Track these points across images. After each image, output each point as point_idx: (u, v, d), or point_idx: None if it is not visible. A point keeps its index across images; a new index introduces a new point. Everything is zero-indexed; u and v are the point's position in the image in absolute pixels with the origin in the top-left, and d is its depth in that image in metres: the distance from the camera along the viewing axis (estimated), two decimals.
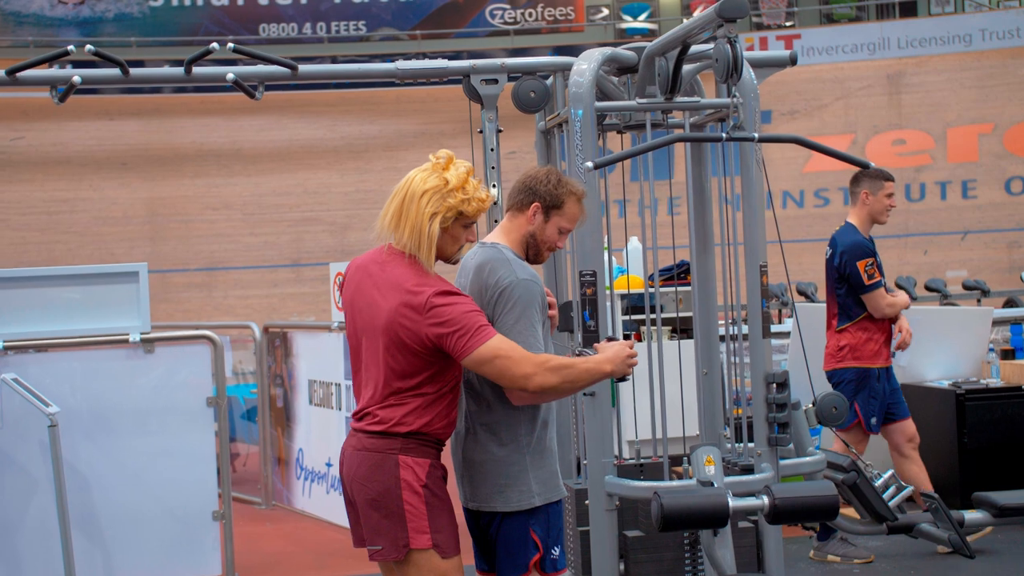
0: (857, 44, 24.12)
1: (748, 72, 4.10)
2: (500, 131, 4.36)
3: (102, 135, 22.64)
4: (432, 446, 3.42)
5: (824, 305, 6.27)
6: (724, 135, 3.70)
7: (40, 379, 5.38)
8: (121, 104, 22.85)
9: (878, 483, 4.53)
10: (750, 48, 25.54)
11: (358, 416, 3.47)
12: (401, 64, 4.21)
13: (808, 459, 4.29)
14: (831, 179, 22.27)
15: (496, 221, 4.37)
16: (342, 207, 20.63)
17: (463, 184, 3.39)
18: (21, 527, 5.45)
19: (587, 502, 4.06)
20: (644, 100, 4.09)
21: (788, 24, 26.81)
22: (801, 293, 7.94)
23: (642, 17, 28.61)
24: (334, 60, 24.38)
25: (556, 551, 3.51)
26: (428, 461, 3.39)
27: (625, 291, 6.25)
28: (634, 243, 6.52)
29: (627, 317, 6.25)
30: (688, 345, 4.97)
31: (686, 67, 4.24)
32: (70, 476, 5.41)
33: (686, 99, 4.10)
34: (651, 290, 4.68)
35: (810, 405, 4.35)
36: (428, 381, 3.36)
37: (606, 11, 28.63)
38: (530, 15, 27.87)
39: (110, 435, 5.54)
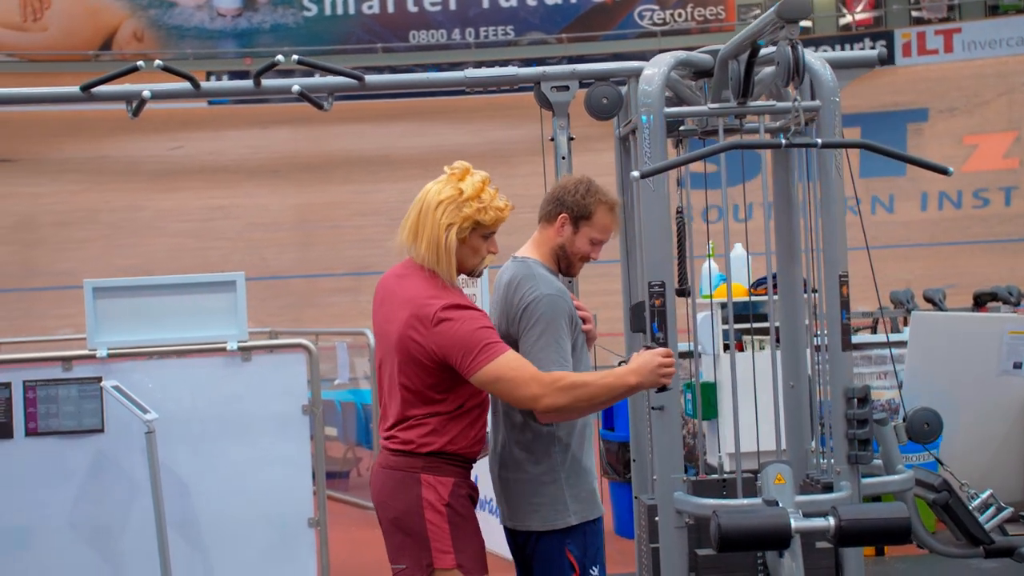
0: (1023, 37, 23.13)
1: (827, 74, 3.91)
2: (572, 139, 4.27)
3: (256, 143, 23.33)
4: (457, 464, 3.34)
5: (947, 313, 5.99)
6: (783, 142, 3.53)
7: (142, 386, 5.50)
8: (274, 113, 23.51)
9: (975, 503, 4.28)
10: (907, 43, 24.81)
11: (385, 435, 3.43)
12: (470, 72, 4.16)
13: (895, 477, 4.08)
14: (991, 179, 21.41)
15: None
16: None
17: (479, 193, 3.32)
18: (124, 530, 5.57)
19: (657, 518, 3.94)
20: (716, 105, 3.95)
21: (949, 17, 25.87)
22: (928, 300, 7.62)
23: None
24: (480, 64, 24.61)
25: (595, 570, 3.41)
26: (452, 480, 3.32)
27: (725, 299, 6.08)
28: (738, 250, 6.35)
29: (727, 326, 6.07)
30: None
31: (768, 70, 4.08)
32: (170, 481, 5.52)
33: (760, 103, 3.93)
34: (750, 299, 4.52)
35: (900, 421, 4.14)
36: (444, 399, 3.28)
37: (758, 10, 28.14)
38: (679, 15, 27.64)
39: (208, 441, 5.63)
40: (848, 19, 27.32)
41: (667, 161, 3.45)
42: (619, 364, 3.49)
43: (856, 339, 6.81)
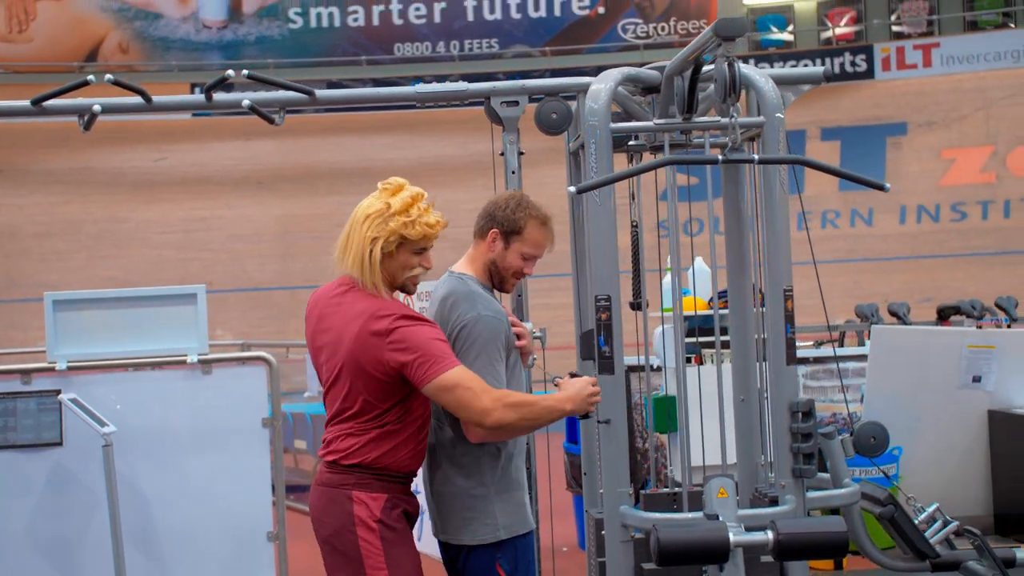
0: (1001, 52, 23.29)
1: (771, 90, 3.95)
2: (522, 153, 4.30)
3: (240, 155, 23.33)
4: (390, 480, 3.34)
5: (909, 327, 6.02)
6: (719, 158, 3.56)
7: (102, 399, 5.50)
8: (258, 124, 23.39)
9: (921, 517, 4.30)
10: (886, 58, 24.93)
11: (323, 450, 3.44)
12: (421, 87, 4.19)
13: (841, 491, 4.11)
14: (969, 192, 21.52)
15: None
16: (469, 224, 20.68)
17: (407, 208, 3.33)
18: (83, 543, 5.57)
19: (604, 532, 3.96)
20: (661, 121, 3.98)
21: (928, 32, 26.01)
22: (893, 314, 7.65)
23: (775, 29, 28.12)
24: (464, 77, 24.67)
25: None
26: (384, 496, 3.32)
27: (691, 312, 6.11)
28: (699, 264, 6.37)
29: (690, 339, 6.10)
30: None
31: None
32: (129, 494, 5.52)
33: (705, 119, 3.96)
34: (709, 312, 4.55)
35: (847, 435, 4.17)
36: (385, 412, 3.29)
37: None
38: (663, 29, 27.74)
39: (168, 454, 5.63)
40: (829, 33, 27.44)
41: (602, 177, 3.48)
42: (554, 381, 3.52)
43: (816, 353, 6.84)
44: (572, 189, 3.34)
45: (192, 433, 5.67)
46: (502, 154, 4.28)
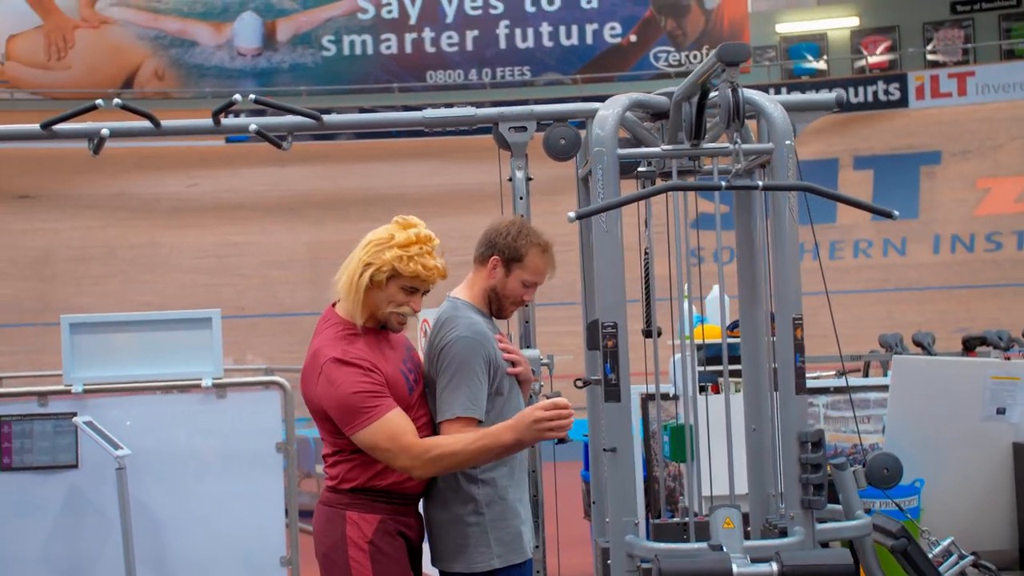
0: None
1: (780, 117, 3.92)
2: (530, 179, 4.29)
3: (272, 181, 23.48)
4: (386, 501, 3.34)
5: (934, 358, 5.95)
6: (723, 184, 3.53)
7: (118, 422, 5.53)
8: (290, 151, 23.66)
9: (936, 550, 4.23)
10: (920, 86, 24.79)
11: (325, 471, 3.46)
12: (428, 113, 4.19)
13: (852, 523, 4.04)
14: (1004, 222, 21.31)
15: None
16: None
17: (408, 244, 3.34)
18: (96, 566, 5.58)
19: (609, 561, 3.92)
20: (668, 146, 3.96)
21: (963, 60, 25.86)
22: (917, 344, 7.58)
23: (810, 57, 28.05)
24: (496, 105, 24.73)
25: None
26: (378, 517, 3.32)
27: (702, 341, 6.06)
28: (715, 292, 6.33)
29: (703, 368, 6.05)
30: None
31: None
32: (143, 518, 5.53)
33: (712, 145, 3.94)
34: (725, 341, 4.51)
35: (859, 466, 4.11)
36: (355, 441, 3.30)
37: (773, 52, 28.21)
38: (695, 57, 27.72)
39: (183, 478, 5.64)
40: (863, 62, 27.35)
41: (602, 203, 3.46)
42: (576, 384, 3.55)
43: (836, 383, 6.76)
44: (572, 215, 3.33)
45: (206, 457, 5.68)
46: (510, 179, 4.27)
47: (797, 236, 4.03)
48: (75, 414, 5.50)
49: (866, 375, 8.30)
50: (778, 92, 24.51)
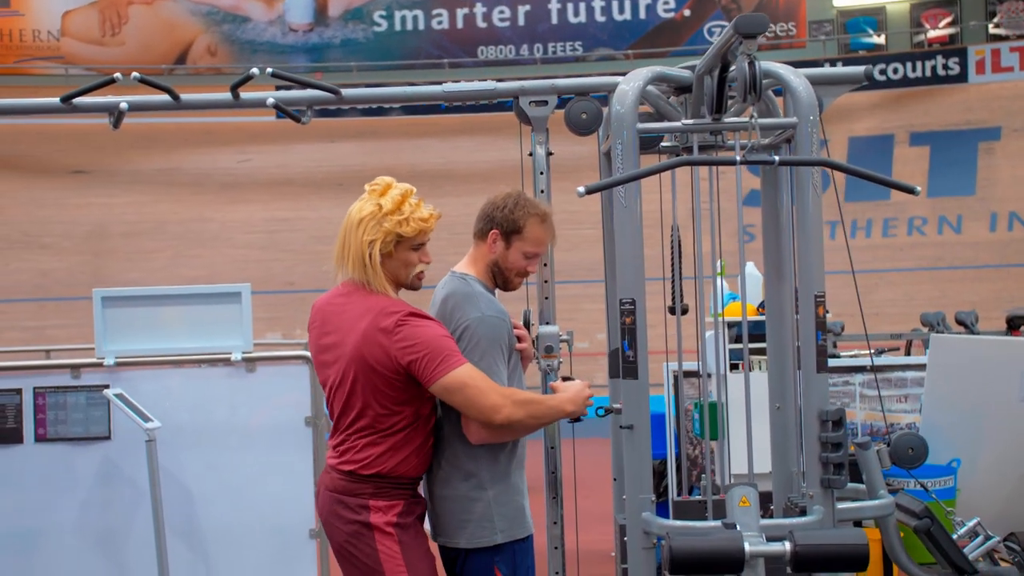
0: None
1: (805, 90, 3.85)
2: (551, 154, 4.25)
3: (322, 157, 23.56)
4: (404, 487, 3.33)
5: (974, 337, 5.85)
6: (737, 159, 3.47)
7: (149, 395, 5.58)
8: (341, 127, 23.75)
9: (961, 531, 4.17)
10: (981, 60, 24.33)
11: (334, 457, 3.41)
12: (448, 87, 4.15)
13: (874, 502, 3.99)
14: None
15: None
16: (560, 228, 20.75)
17: (398, 206, 3.32)
18: (129, 537, 5.65)
19: (626, 538, 3.89)
20: (689, 121, 3.90)
21: None
22: (960, 323, 7.44)
23: (870, 30, 27.62)
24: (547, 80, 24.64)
25: None
26: (401, 503, 3.31)
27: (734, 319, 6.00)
28: (750, 269, 6.26)
29: (734, 346, 5.99)
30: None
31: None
32: (174, 489, 5.59)
33: (733, 119, 3.88)
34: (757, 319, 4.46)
35: (883, 445, 4.05)
36: (399, 415, 3.27)
37: (829, 26, 27.80)
38: None
39: (212, 451, 5.68)
40: (922, 36, 26.89)
41: (612, 178, 3.42)
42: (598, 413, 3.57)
43: (878, 361, 6.67)
44: (581, 190, 3.29)
45: (236, 430, 5.72)
46: (530, 154, 4.23)
47: (820, 212, 3.96)
48: (107, 386, 5.56)
49: (908, 354, 8.18)
50: (833, 66, 24.20)
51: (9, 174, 22.78)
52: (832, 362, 6.72)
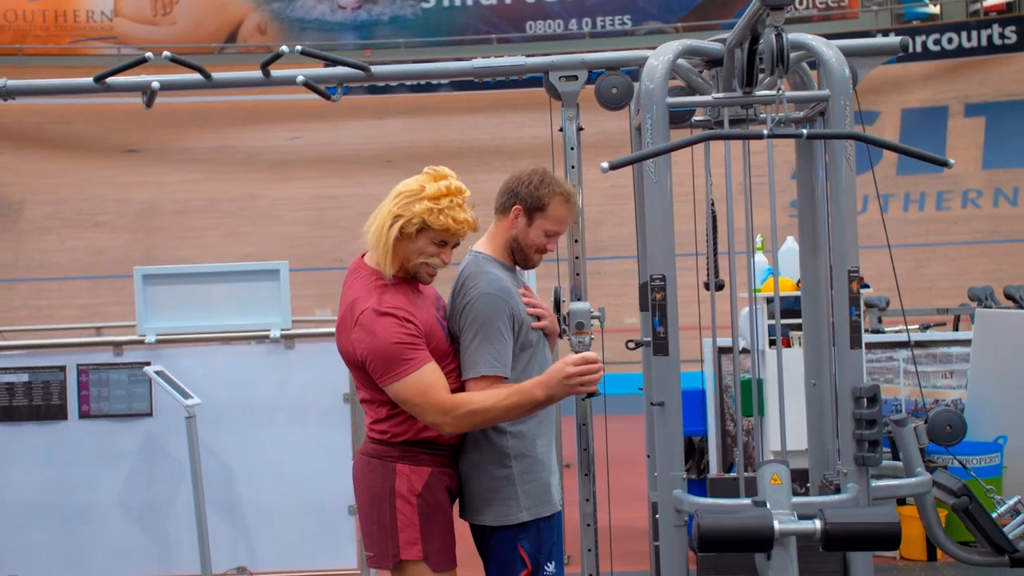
0: None
1: (837, 62, 3.78)
2: (581, 129, 4.22)
3: (371, 134, 23.61)
4: (435, 454, 3.31)
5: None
6: (765, 132, 3.42)
7: (190, 371, 5.64)
8: (390, 104, 23.79)
9: (1001, 509, 4.10)
10: None
11: (367, 426, 3.43)
12: (477, 62, 4.12)
13: (910, 480, 3.94)
14: None
15: (575, 223, 4.22)
16: (596, 203, 20.66)
17: (438, 196, 3.28)
18: (171, 511, 5.72)
19: (658, 516, 3.87)
20: (720, 95, 3.85)
21: None
22: (1009, 297, 7.30)
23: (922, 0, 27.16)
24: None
25: (550, 567, 3.36)
26: (428, 470, 3.30)
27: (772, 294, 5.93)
28: (789, 244, 6.18)
29: (772, 321, 5.93)
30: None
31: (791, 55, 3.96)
32: (215, 465, 5.65)
33: (763, 92, 3.82)
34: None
35: (921, 422, 4.00)
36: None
37: None
38: (801, 3, 27.05)
39: (252, 427, 5.74)
40: (977, 5, 26.41)
41: (636, 153, 3.38)
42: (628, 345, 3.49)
43: (925, 337, 6.59)
44: (605, 165, 3.25)
45: (275, 407, 5.77)
46: (561, 130, 4.20)
47: (854, 186, 3.90)
48: (148, 363, 5.62)
49: (956, 329, 8.06)
50: (886, 36, 23.89)
51: (64, 153, 23.05)
52: (875, 338, 6.65)
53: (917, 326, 7.50)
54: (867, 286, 5.98)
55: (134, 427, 5.71)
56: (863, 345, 3.92)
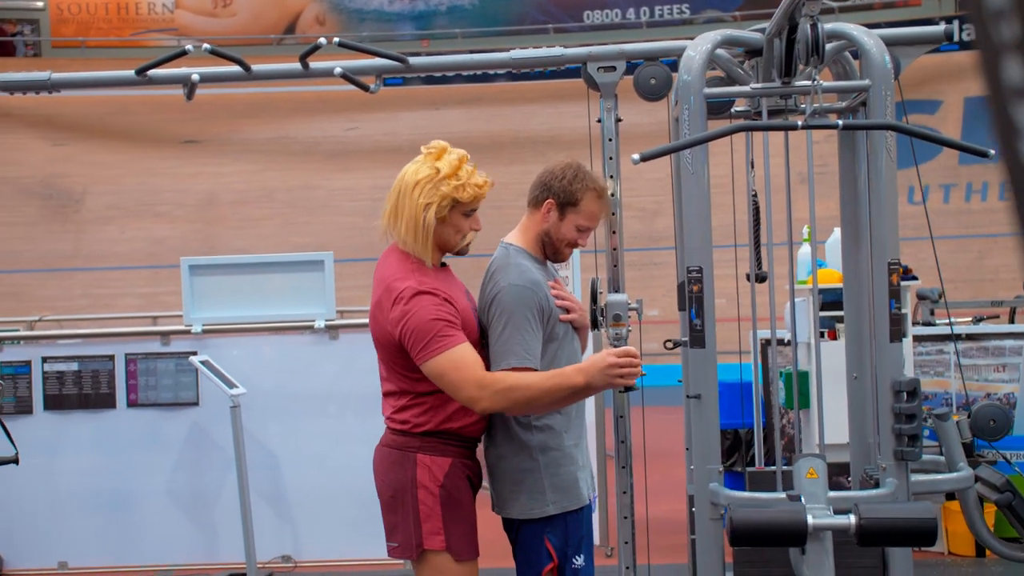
0: None
1: (878, 52, 3.73)
2: (619, 120, 4.19)
3: (428, 124, 23.64)
4: (457, 444, 3.30)
5: None
6: (799, 124, 3.37)
7: (235, 362, 5.69)
8: (447, 94, 23.84)
9: None
10: None
11: (387, 416, 3.43)
12: (515, 53, 4.10)
13: (952, 475, 3.88)
14: None
15: (613, 214, 4.20)
16: (652, 193, 20.58)
17: (455, 171, 3.27)
18: (217, 500, 5.78)
19: (694, 509, 3.85)
20: (758, 85, 3.81)
21: None
22: None
23: None
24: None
25: (579, 560, 3.34)
26: (449, 460, 3.28)
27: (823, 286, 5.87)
28: (836, 235, 6.11)
29: (823, 313, 5.86)
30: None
31: (829, 47, 3.91)
32: (260, 454, 5.69)
33: (802, 83, 3.78)
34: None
35: (964, 416, 3.94)
36: (423, 381, 3.25)
37: None
38: None
39: (297, 417, 5.78)
40: None
41: (668, 144, 3.36)
42: (666, 345, 3.46)
43: (970, 330, 6.48)
44: (635, 157, 3.23)
45: (320, 397, 5.80)
46: (599, 121, 4.18)
47: (895, 177, 3.85)
48: (195, 353, 5.68)
49: (1012, 322, 7.92)
50: (949, 24, 23.53)
51: (124, 144, 23.35)
52: (925, 330, 6.56)
53: (970, 318, 7.38)
54: (915, 278, 5.89)
55: (181, 416, 5.77)
56: (905, 338, 3.87)
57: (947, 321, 6.68)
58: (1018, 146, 0.76)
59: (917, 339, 6.24)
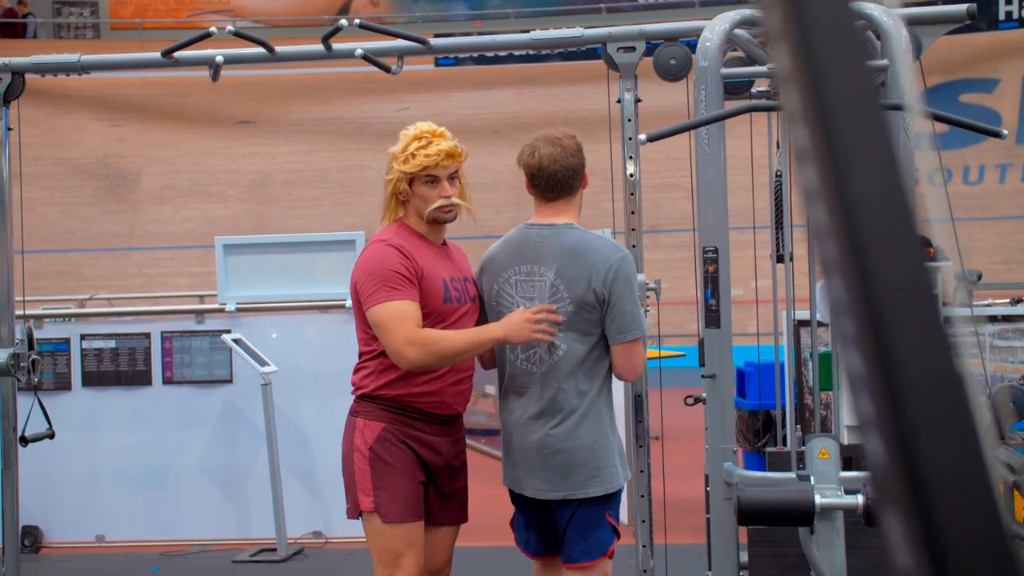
0: None
1: (897, 31, 3.71)
2: (639, 101, 4.19)
3: (479, 104, 23.68)
4: (393, 411, 3.41)
5: None
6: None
7: (267, 340, 5.76)
8: (498, 74, 23.82)
9: None
10: None
11: None
12: (536, 34, 4.12)
13: None
14: None
15: (632, 195, 4.21)
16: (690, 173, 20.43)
17: (405, 147, 3.50)
18: (250, 476, 5.87)
19: (708, 488, 3.87)
20: (774, 65, 3.79)
21: None
22: None
23: None
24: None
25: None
26: (381, 425, 3.43)
27: None
28: None
29: None
30: None
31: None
32: (291, 431, 5.77)
33: None
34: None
35: (984, 399, 3.92)
36: (376, 339, 3.37)
37: None
38: None
39: (327, 395, 5.84)
40: None
41: (676, 125, 3.36)
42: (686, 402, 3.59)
43: (1006, 311, 6.41)
44: (643, 137, 3.24)
45: (348, 375, 5.85)
46: (618, 101, 4.19)
47: (912, 156, 3.83)
48: (228, 331, 5.76)
49: None
50: (995, 4, 23.16)
51: (179, 125, 23.59)
52: (952, 312, 6.49)
53: (1007, 300, 7.30)
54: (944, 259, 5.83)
55: (215, 393, 5.86)
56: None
57: (984, 303, 6.62)
58: None
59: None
